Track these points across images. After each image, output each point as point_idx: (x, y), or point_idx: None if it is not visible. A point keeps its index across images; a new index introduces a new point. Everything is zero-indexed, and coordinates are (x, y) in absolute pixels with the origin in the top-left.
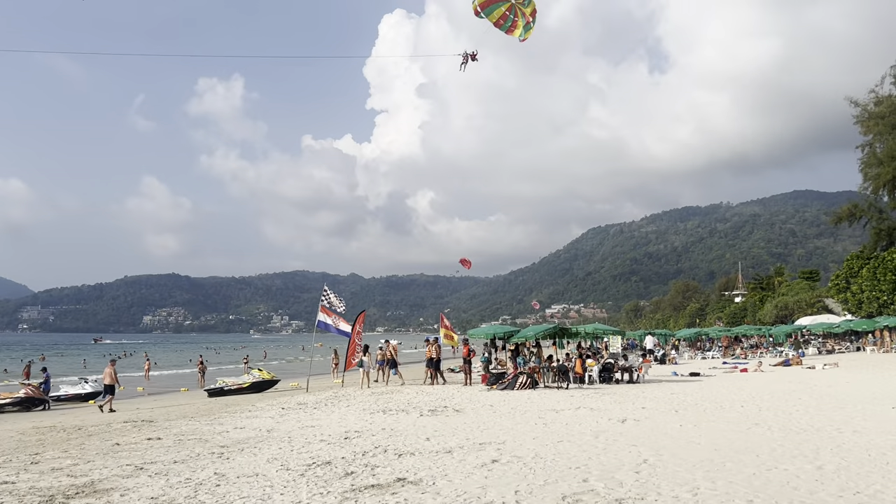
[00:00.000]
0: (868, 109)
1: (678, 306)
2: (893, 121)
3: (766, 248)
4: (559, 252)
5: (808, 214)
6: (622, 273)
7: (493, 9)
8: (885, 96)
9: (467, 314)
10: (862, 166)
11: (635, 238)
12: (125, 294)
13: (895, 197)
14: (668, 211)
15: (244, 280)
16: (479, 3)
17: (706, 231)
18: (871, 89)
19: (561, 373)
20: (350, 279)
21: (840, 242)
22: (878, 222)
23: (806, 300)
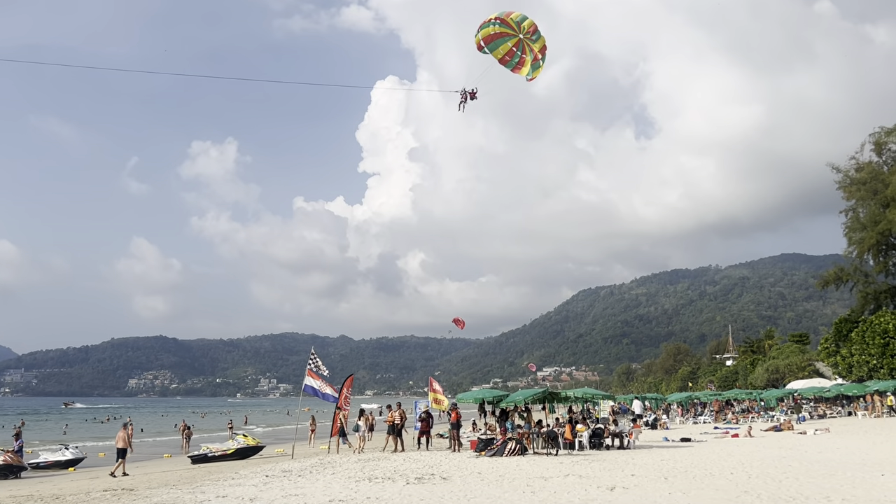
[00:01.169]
0: (850, 175)
1: (670, 369)
2: (874, 187)
3: (756, 310)
4: (550, 314)
5: (797, 277)
6: (613, 335)
7: (498, 44)
8: (866, 163)
9: (458, 377)
10: (846, 231)
11: (626, 300)
12: (111, 357)
13: (880, 261)
14: (658, 273)
15: (232, 342)
16: (482, 37)
17: (696, 294)
18: (852, 156)
19: (550, 438)
20: (340, 341)
21: (829, 305)
22: (864, 286)
23: (797, 364)
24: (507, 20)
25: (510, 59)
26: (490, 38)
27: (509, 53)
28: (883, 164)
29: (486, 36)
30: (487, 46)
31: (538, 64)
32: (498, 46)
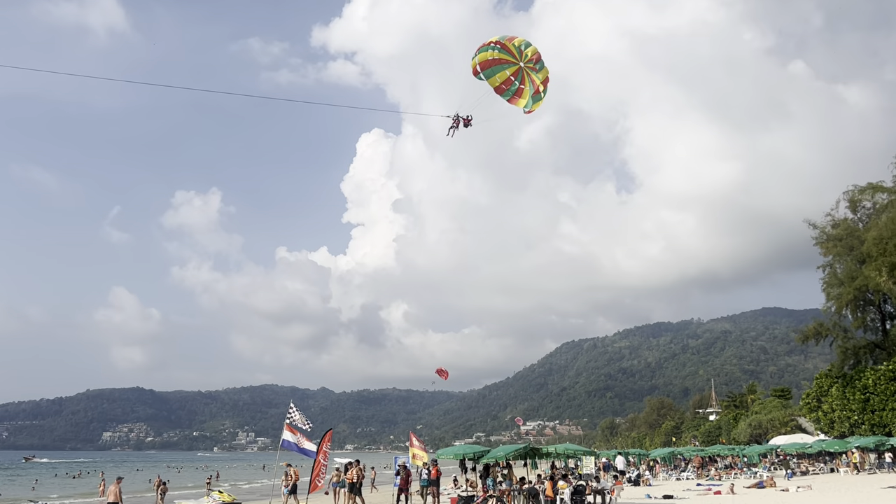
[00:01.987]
0: (826, 232)
1: (653, 424)
2: (850, 243)
3: (739, 364)
4: (533, 366)
5: (778, 331)
6: (597, 389)
7: (494, 71)
8: (841, 219)
9: (440, 430)
10: (824, 286)
11: (609, 353)
12: (85, 409)
13: (858, 316)
14: (641, 326)
15: (210, 394)
16: (479, 61)
17: (679, 347)
18: (828, 213)
19: (531, 496)
20: (320, 393)
21: (810, 360)
22: (843, 341)
23: (779, 419)
24: (507, 45)
25: (507, 88)
26: (487, 64)
27: (506, 82)
28: (858, 220)
29: (483, 61)
30: (483, 72)
31: (539, 96)
32: (495, 73)
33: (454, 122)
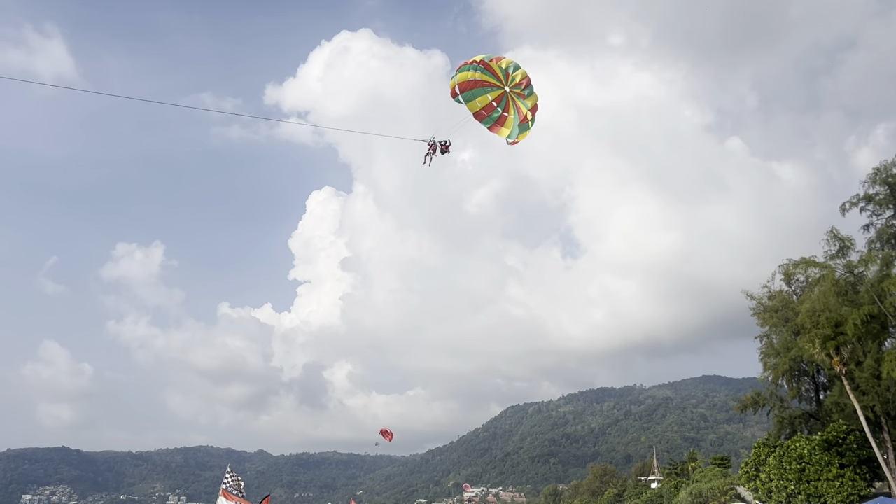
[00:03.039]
0: (763, 303)
1: (596, 491)
2: (786, 315)
3: (680, 431)
4: (478, 430)
5: (717, 399)
6: (541, 454)
7: (475, 94)
8: (777, 291)
9: (381, 497)
10: (761, 356)
11: (553, 418)
12: (5, 470)
13: (794, 386)
14: (585, 391)
15: (141, 455)
16: (458, 82)
17: (622, 413)
18: (764, 284)
19: None
20: (257, 456)
21: (748, 428)
22: (780, 411)
23: (719, 487)
24: (492, 66)
25: (487, 114)
26: (467, 86)
27: (487, 108)
28: (792, 293)
29: (462, 82)
30: (462, 95)
31: (526, 125)
32: (475, 97)
33: (430, 148)
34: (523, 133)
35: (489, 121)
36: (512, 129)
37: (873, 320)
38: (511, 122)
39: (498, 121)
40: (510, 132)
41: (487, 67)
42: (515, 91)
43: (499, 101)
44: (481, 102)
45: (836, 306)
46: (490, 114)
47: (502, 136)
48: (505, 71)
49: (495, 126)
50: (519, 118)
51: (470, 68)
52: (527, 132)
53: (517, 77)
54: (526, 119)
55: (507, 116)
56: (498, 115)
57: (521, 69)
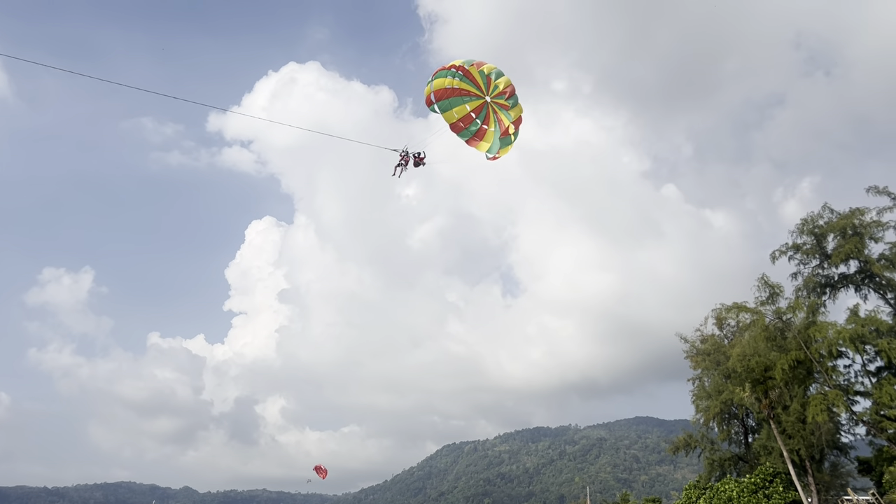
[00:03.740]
0: (695, 346)
1: None
2: (717, 358)
3: (613, 472)
4: (413, 469)
5: (650, 441)
6: (475, 494)
7: (452, 104)
8: (709, 335)
9: None
10: (693, 398)
11: (489, 457)
12: None
13: (724, 429)
14: (521, 430)
15: (58, 491)
16: (433, 89)
17: (556, 453)
18: (697, 328)
19: None
20: (182, 493)
21: (679, 470)
22: (710, 453)
23: None
24: (472, 73)
25: (465, 126)
26: (444, 94)
27: (465, 119)
28: (724, 337)
29: (439, 89)
30: (438, 104)
31: (508, 139)
32: (453, 107)
33: (402, 159)
34: (505, 148)
35: (467, 134)
36: (492, 144)
37: (800, 365)
38: (491, 136)
39: (477, 134)
40: (490, 146)
41: (467, 74)
42: (498, 101)
43: (478, 111)
44: (459, 113)
45: (765, 351)
46: (468, 126)
47: (481, 150)
48: (486, 77)
49: (474, 140)
50: (500, 131)
51: (447, 74)
52: (509, 147)
53: (500, 85)
54: (508, 132)
55: (487, 129)
56: (477, 128)
57: (504, 76)
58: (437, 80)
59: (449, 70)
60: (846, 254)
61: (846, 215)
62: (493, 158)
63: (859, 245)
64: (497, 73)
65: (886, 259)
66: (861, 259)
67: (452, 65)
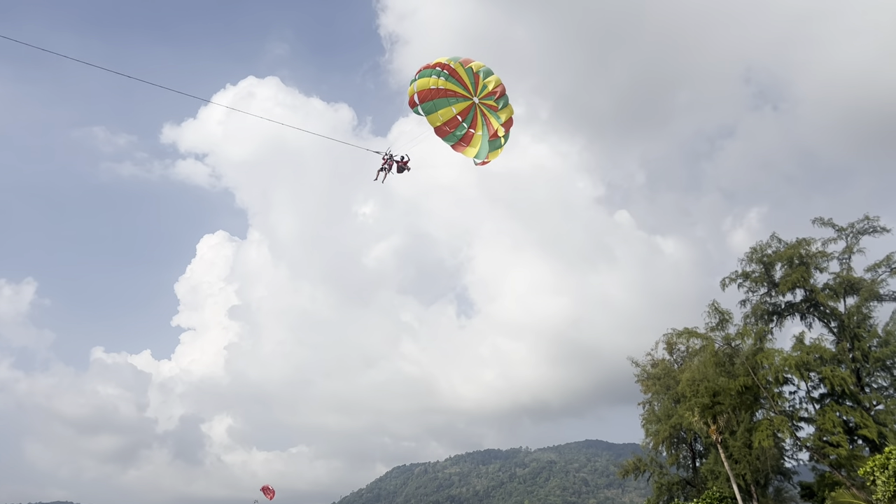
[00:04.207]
0: (646, 370)
1: None
2: (667, 383)
3: (562, 496)
4: (362, 491)
5: (599, 464)
6: None
7: (437, 105)
8: (660, 360)
9: None
10: (643, 422)
11: (439, 479)
12: None
13: (672, 453)
14: (472, 452)
15: None
16: (417, 90)
17: (507, 475)
18: (648, 352)
19: None
20: None
21: (627, 494)
22: (659, 477)
23: None
24: (458, 71)
25: (451, 130)
26: (428, 94)
27: (451, 122)
28: (674, 362)
29: (423, 90)
30: (422, 106)
31: (498, 142)
32: (437, 109)
33: (385, 163)
34: (494, 152)
35: (452, 138)
36: (480, 149)
37: (747, 391)
38: (479, 141)
39: (463, 139)
40: (478, 151)
41: (453, 73)
42: (486, 102)
43: (465, 114)
44: (444, 116)
45: (714, 376)
46: (454, 130)
47: (468, 156)
48: (475, 76)
49: (460, 145)
50: (488, 134)
51: (432, 73)
52: (498, 150)
53: (490, 85)
54: (496, 135)
55: (475, 134)
56: (463, 133)
57: (494, 75)
58: (421, 79)
59: (434, 68)
60: (793, 283)
61: (793, 245)
62: (483, 163)
63: (805, 274)
64: (486, 72)
65: (830, 289)
66: (807, 288)
67: (438, 62)
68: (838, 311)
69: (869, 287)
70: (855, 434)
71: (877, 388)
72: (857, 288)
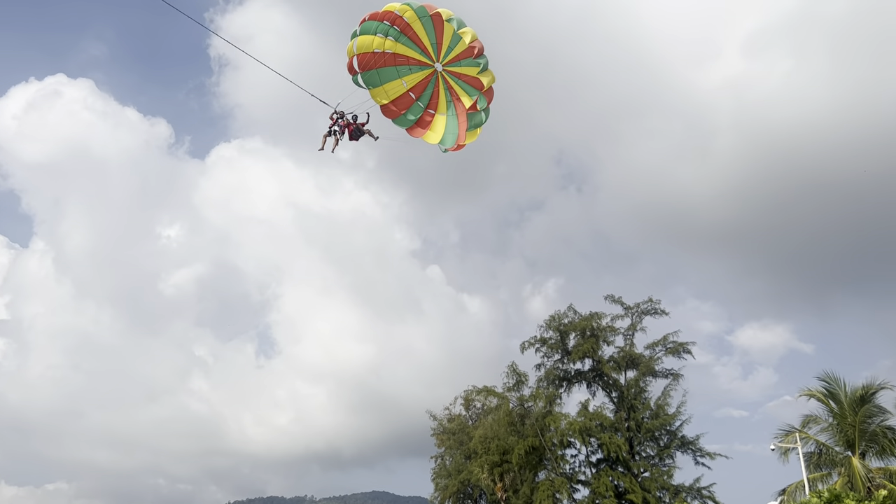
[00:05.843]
0: (443, 425)
1: None
2: (461, 438)
3: None
4: None
5: None
6: None
7: (382, 76)
8: (457, 415)
9: None
10: (434, 476)
11: None
12: None
13: None
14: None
15: None
16: (356, 52)
17: None
18: (446, 407)
19: None
20: None
21: None
22: None
23: None
24: (412, 26)
25: (400, 111)
26: (370, 61)
27: (401, 101)
28: (469, 418)
29: (364, 52)
30: (363, 76)
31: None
32: (383, 82)
33: (336, 125)
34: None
35: (404, 122)
36: (446, 133)
37: (534, 451)
38: (442, 125)
39: (419, 123)
40: (443, 137)
41: (406, 30)
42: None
43: (422, 87)
44: (391, 92)
45: (505, 435)
46: (405, 112)
47: (431, 141)
48: (439, 30)
49: (416, 129)
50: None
51: (378, 29)
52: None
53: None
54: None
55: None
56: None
57: (467, 28)
58: (362, 35)
59: (381, 22)
60: (584, 352)
61: (587, 318)
62: (457, 148)
63: (595, 346)
64: (458, 23)
65: (615, 361)
66: (595, 359)
67: (388, 11)
68: (619, 383)
69: (647, 363)
70: (623, 498)
71: (645, 457)
72: (637, 363)
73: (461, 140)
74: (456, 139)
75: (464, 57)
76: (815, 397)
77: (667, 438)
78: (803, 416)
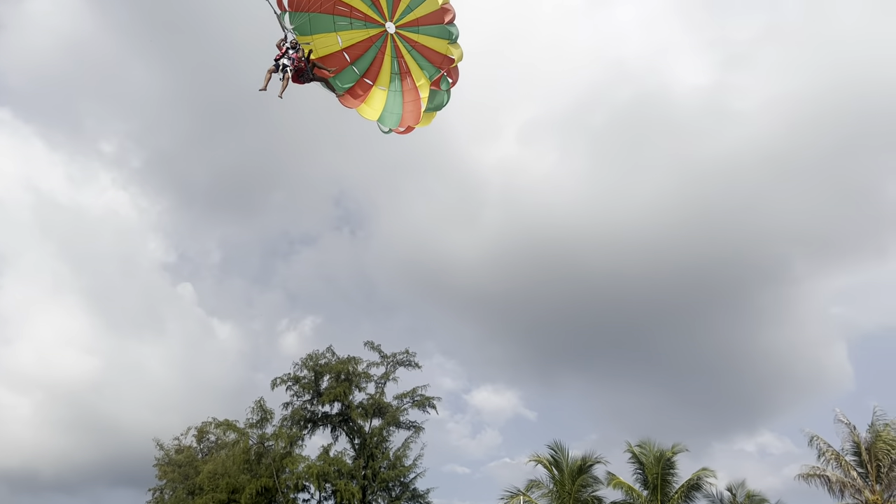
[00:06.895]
0: (170, 455)
1: None
2: (187, 472)
3: None
4: None
5: None
6: None
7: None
8: (187, 446)
9: None
10: None
11: None
12: None
13: None
14: None
15: None
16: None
17: None
18: (177, 437)
19: None
20: None
21: None
22: None
23: None
24: None
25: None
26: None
27: (332, 60)
28: (200, 451)
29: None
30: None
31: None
32: (314, 31)
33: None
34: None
35: (339, 86)
36: (385, 111)
37: (266, 493)
38: (380, 101)
39: (351, 92)
40: (381, 115)
41: None
42: (408, 36)
43: (362, 50)
44: (322, 48)
45: (237, 473)
46: (336, 76)
47: (367, 117)
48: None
49: (348, 99)
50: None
51: None
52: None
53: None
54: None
55: (372, 89)
56: (352, 84)
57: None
58: None
59: None
60: (335, 396)
61: (344, 361)
62: (405, 131)
63: (347, 390)
64: None
65: (363, 408)
66: (345, 403)
67: None
68: (364, 430)
69: (393, 413)
70: None
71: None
72: (384, 412)
73: (409, 122)
74: (399, 120)
75: (430, 22)
76: (541, 463)
77: (399, 490)
78: (528, 480)
